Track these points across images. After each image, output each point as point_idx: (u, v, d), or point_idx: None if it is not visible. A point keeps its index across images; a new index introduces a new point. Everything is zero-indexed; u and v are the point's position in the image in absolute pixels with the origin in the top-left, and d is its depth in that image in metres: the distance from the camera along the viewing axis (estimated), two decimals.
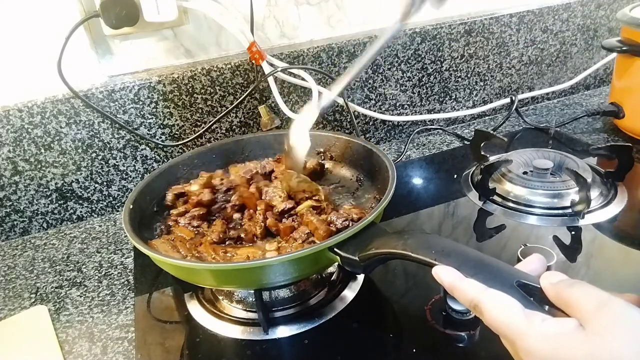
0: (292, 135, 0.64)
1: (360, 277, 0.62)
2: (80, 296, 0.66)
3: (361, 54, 0.70)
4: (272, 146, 0.76)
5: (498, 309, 0.33)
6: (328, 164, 0.74)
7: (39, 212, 0.80)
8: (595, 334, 0.29)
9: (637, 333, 0.28)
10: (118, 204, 0.85)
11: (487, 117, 1.08)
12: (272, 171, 0.70)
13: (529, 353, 0.31)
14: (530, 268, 0.37)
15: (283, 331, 0.56)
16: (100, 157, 0.80)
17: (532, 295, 0.34)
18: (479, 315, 0.35)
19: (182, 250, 0.57)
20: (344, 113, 0.93)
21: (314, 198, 0.62)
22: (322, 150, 0.74)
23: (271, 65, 0.81)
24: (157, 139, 0.82)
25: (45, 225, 0.82)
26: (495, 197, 0.75)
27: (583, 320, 0.30)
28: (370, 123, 0.97)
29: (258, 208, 0.62)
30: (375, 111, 0.95)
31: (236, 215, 0.63)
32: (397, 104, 0.98)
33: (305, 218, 0.58)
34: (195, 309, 0.60)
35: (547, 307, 0.34)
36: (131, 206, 0.59)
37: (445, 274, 0.38)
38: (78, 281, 0.69)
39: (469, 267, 0.37)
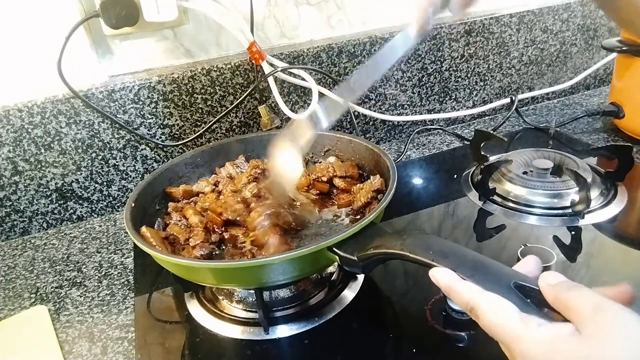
0: (279, 157, 0.50)
1: (361, 277, 0.62)
2: (80, 296, 0.66)
3: (367, 72, 0.52)
4: None
5: (494, 313, 0.33)
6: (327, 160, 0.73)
7: (39, 212, 0.80)
8: (591, 338, 0.29)
9: (633, 338, 0.28)
10: (118, 204, 0.85)
11: (487, 117, 1.08)
12: None
13: (524, 357, 0.31)
14: (526, 270, 0.37)
15: (283, 331, 0.56)
16: (100, 157, 0.80)
17: (530, 297, 0.34)
18: (475, 318, 0.35)
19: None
20: (343, 113, 0.93)
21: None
22: (327, 149, 0.74)
23: (271, 65, 0.81)
24: (157, 139, 0.82)
25: (45, 225, 0.82)
26: (495, 197, 0.75)
27: (579, 323, 0.30)
28: (370, 123, 0.97)
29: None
30: (375, 111, 0.94)
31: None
32: (397, 104, 0.98)
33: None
34: (195, 309, 0.60)
35: (545, 310, 0.34)
36: (133, 204, 0.59)
37: (441, 276, 0.37)
38: (78, 281, 0.69)
39: (466, 268, 0.37)
